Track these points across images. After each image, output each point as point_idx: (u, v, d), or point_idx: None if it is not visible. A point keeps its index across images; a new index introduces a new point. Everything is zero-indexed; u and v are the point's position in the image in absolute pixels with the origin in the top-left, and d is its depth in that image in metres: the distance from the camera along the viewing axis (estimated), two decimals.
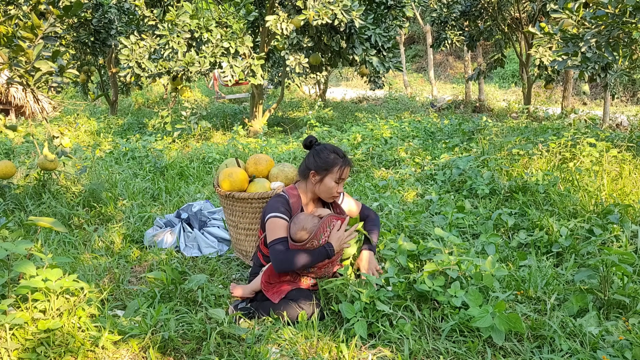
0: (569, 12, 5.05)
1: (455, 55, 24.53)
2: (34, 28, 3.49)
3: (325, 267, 2.46)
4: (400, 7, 8.99)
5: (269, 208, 2.46)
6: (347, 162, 2.51)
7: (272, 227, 2.41)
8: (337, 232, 2.39)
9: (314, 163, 2.50)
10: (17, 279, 2.32)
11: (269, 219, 2.43)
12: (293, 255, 2.34)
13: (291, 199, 2.51)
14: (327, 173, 2.48)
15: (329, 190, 2.50)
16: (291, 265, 2.34)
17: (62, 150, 4.24)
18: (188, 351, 2.19)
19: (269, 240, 2.40)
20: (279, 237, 2.38)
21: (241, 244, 3.00)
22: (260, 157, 2.99)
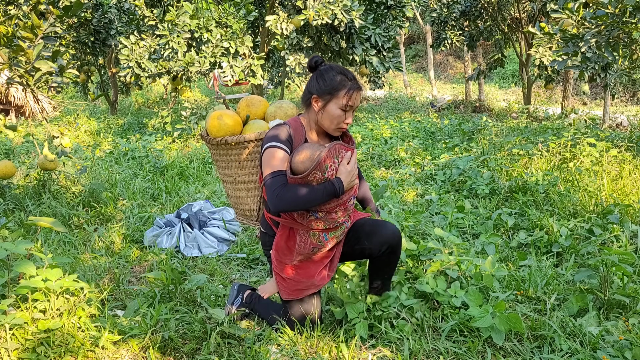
0: (569, 12, 5.05)
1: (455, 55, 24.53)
2: (34, 28, 3.49)
3: (334, 212, 2.05)
4: (400, 7, 8.99)
5: (266, 138, 2.05)
6: (356, 86, 2.05)
7: (269, 159, 1.99)
8: (346, 166, 1.99)
9: (317, 86, 2.06)
10: (17, 279, 2.32)
11: (265, 150, 2.01)
12: (292, 189, 1.93)
13: (292, 129, 2.06)
14: (331, 98, 2.04)
15: (333, 119, 2.06)
16: (290, 202, 1.93)
17: (62, 150, 4.25)
18: (188, 351, 2.19)
19: (264, 174, 1.99)
20: (276, 170, 1.96)
21: (242, 202, 2.45)
22: (253, 98, 2.54)
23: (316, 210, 2.02)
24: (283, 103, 2.48)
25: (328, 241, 2.09)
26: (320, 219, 2.04)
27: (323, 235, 2.07)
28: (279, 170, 1.96)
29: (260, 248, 3.40)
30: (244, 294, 2.52)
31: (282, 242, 2.15)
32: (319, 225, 2.04)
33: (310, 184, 1.94)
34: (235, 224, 3.81)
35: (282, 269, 2.18)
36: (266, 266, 3.14)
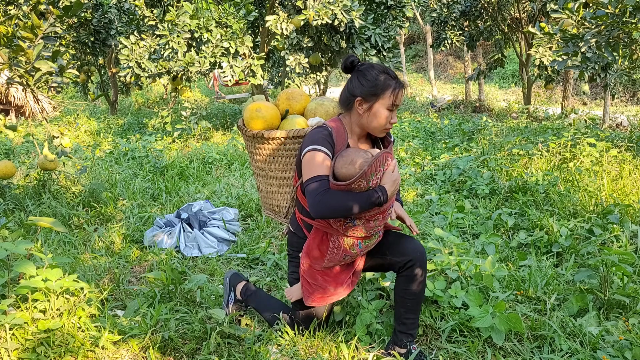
0: (569, 12, 5.05)
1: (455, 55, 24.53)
2: (34, 28, 3.49)
3: (373, 220, 1.97)
4: (400, 7, 8.99)
5: (308, 140, 1.96)
6: (400, 84, 1.98)
7: (310, 163, 1.91)
8: (392, 174, 1.91)
9: (360, 88, 1.96)
10: (17, 279, 2.32)
11: (307, 153, 1.93)
12: (335, 196, 1.84)
13: (335, 133, 1.97)
14: (377, 99, 1.95)
15: (380, 121, 1.97)
16: (332, 209, 1.85)
17: (62, 150, 4.25)
18: (188, 351, 2.19)
19: (306, 178, 1.91)
20: (318, 175, 1.88)
21: (272, 197, 2.37)
22: (294, 92, 2.43)
23: (355, 218, 1.94)
24: (325, 100, 2.39)
25: (362, 249, 2.03)
26: (358, 226, 1.97)
27: (358, 243, 2.00)
28: (321, 175, 1.88)
29: (261, 247, 3.40)
30: (236, 289, 2.47)
31: (314, 247, 2.06)
32: (356, 232, 1.98)
33: (353, 191, 1.86)
34: (235, 224, 3.82)
35: (312, 274, 2.09)
36: (265, 266, 3.14)
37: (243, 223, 4.03)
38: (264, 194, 2.43)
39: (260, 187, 2.44)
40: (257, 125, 2.28)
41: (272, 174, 2.32)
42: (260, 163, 2.34)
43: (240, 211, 4.20)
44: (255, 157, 2.37)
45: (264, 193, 2.43)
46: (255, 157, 2.37)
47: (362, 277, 2.74)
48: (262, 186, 2.42)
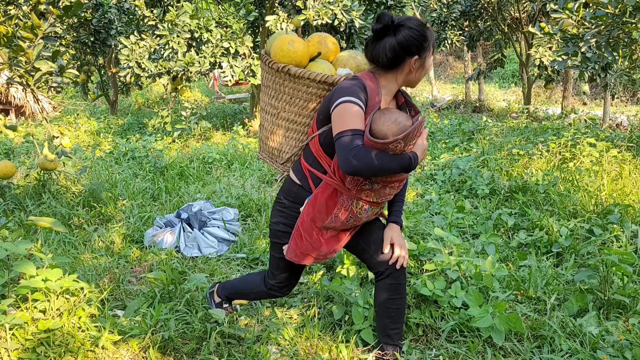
0: (569, 12, 5.05)
1: (455, 55, 24.53)
2: (34, 28, 3.49)
3: (389, 186, 1.92)
4: (400, 7, 8.99)
5: (342, 91, 1.81)
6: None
7: (344, 114, 1.77)
8: (423, 142, 1.85)
9: (415, 45, 1.82)
10: (17, 279, 2.32)
11: (341, 104, 1.78)
12: (371, 153, 1.73)
13: (369, 89, 1.84)
14: (428, 52, 1.87)
15: (427, 72, 1.94)
16: (366, 166, 1.72)
17: (62, 150, 4.24)
18: (188, 351, 2.19)
19: (338, 130, 1.77)
20: (352, 129, 1.75)
21: (275, 139, 2.18)
22: (327, 38, 2.23)
23: (374, 181, 1.86)
24: (358, 54, 2.20)
25: (368, 216, 1.95)
26: (374, 190, 1.88)
27: (366, 207, 1.91)
28: (356, 129, 1.75)
29: (261, 247, 3.40)
30: (213, 295, 2.44)
31: (322, 200, 1.91)
32: (369, 197, 1.89)
33: (388, 151, 1.75)
34: (235, 224, 3.82)
35: (309, 229, 1.95)
36: (265, 266, 3.14)
37: (243, 223, 4.03)
38: (265, 134, 2.21)
39: (264, 125, 2.22)
40: (284, 58, 2.04)
41: (284, 114, 2.11)
42: (274, 100, 2.12)
43: (240, 211, 4.20)
44: (270, 92, 2.14)
45: (267, 133, 2.21)
46: (270, 93, 2.14)
47: (361, 276, 2.75)
48: (268, 125, 2.20)
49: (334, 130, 1.79)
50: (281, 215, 2.04)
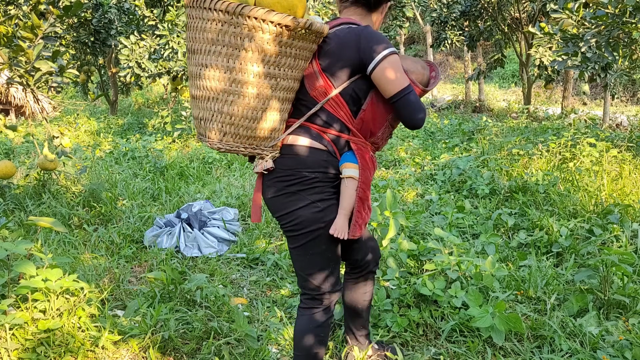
0: (569, 12, 5.05)
1: (455, 55, 24.53)
2: (34, 28, 3.49)
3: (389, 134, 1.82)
4: (400, 7, 8.99)
5: (379, 38, 1.60)
6: None
7: (398, 67, 1.60)
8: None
9: None
10: (17, 279, 2.32)
11: (391, 55, 1.58)
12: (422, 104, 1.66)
13: None
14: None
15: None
16: (425, 116, 1.66)
17: (62, 150, 4.24)
18: (188, 351, 2.19)
19: (401, 86, 1.59)
20: (410, 83, 1.63)
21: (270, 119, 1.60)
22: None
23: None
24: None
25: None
26: (388, 138, 1.80)
27: (374, 158, 1.79)
28: (409, 83, 1.63)
29: (261, 247, 3.39)
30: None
31: (366, 161, 1.71)
32: (378, 146, 1.80)
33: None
34: (235, 224, 3.82)
35: (366, 194, 1.71)
36: (265, 266, 3.14)
37: (243, 223, 4.03)
38: (253, 115, 1.58)
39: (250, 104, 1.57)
40: (279, 7, 1.55)
41: (283, 82, 1.60)
42: (273, 67, 1.57)
43: (240, 211, 4.20)
44: (267, 57, 1.55)
45: (255, 113, 1.58)
46: (266, 58, 1.55)
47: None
48: (259, 103, 1.58)
49: (393, 86, 1.59)
50: (316, 193, 1.65)
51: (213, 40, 1.54)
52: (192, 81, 1.62)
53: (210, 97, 1.59)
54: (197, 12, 1.54)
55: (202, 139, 1.65)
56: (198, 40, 1.57)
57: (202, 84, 1.59)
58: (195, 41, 1.58)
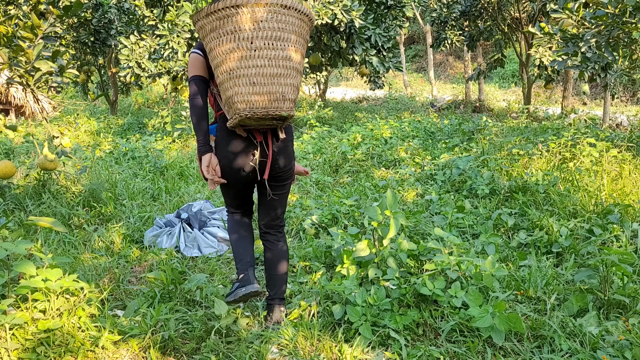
0: (569, 12, 5.05)
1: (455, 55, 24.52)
2: (34, 28, 3.49)
3: None
4: (400, 7, 8.98)
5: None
6: None
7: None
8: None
9: None
10: (17, 279, 2.32)
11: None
12: None
13: None
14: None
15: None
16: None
17: (62, 150, 4.24)
18: (188, 351, 2.19)
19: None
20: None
21: (295, 85, 2.13)
22: None
23: None
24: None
25: None
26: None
27: None
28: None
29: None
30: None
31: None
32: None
33: None
34: None
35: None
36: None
37: None
38: (292, 85, 2.08)
39: (289, 82, 2.07)
40: None
41: (283, 53, 2.03)
42: (274, 41, 2.02)
43: None
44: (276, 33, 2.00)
45: (293, 82, 2.09)
46: (275, 34, 2.00)
47: (361, 276, 2.74)
48: (292, 79, 2.09)
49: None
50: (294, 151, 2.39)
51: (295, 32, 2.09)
52: (276, 62, 2.05)
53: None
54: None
55: (278, 110, 2.07)
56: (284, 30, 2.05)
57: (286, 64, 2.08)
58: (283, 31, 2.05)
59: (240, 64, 2.01)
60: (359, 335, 2.22)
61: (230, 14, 1.97)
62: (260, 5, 1.96)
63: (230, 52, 2.00)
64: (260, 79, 2.02)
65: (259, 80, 2.02)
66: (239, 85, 2.02)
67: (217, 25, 2.00)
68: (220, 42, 2.01)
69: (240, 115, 2.03)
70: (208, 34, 2.05)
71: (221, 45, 2.02)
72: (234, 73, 2.02)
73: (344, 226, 3.72)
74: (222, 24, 1.99)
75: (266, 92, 2.03)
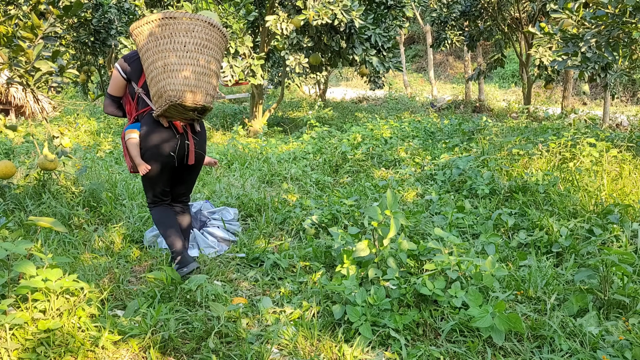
0: (569, 12, 5.05)
1: (455, 55, 24.53)
2: (34, 28, 3.49)
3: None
4: (400, 7, 8.99)
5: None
6: None
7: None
8: None
9: None
10: (17, 279, 2.32)
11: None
12: None
13: None
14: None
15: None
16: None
17: (62, 150, 4.24)
18: (188, 351, 2.19)
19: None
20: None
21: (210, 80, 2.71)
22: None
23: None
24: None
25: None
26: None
27: None
28: None
29: (260, 247, 3.40)
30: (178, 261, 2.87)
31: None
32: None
33: None
34: (235, 224, 3.81)
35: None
36: (263, 267, 3.14)
37: (243, 223, 4.03)
38: (199, 78, 2.58)
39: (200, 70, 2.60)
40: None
41: (207, 58, 2.62)
42: (202, 47, 2.62)
43: (240, 211, 4.20)
44: (203, 42, 2.58)
45: (200, 80, 2.58)
46: (202, 42, 2.58)
47: (361, 276, 2.74)
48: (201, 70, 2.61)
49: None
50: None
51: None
52: (202, 63, 2.59)
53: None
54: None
55: (202, 101, 2.58)
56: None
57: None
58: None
59: (175, 61, 2.50)
60: (359, 335, 2.22)
61: (169, 23, 2.51)
62: (192, 19, 2.53)
63: (166, 51, 2.51)
64: (190, 74, 2.51)
65: (188, 75, 2.51)
66: (172, 77, 2.48)
67: (156, 30, 2.51)
68: (158, 43, 2.50)
69: (171, 101, 2.47)
70: (146, 37, 2.54)
71: (158, 45, 2.51)
72: (169, 67, 2.48)
73: (344, 226, 3.72)
74: (160, 30, 2.51)
75: (193, 85, 2.51)
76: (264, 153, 6.66)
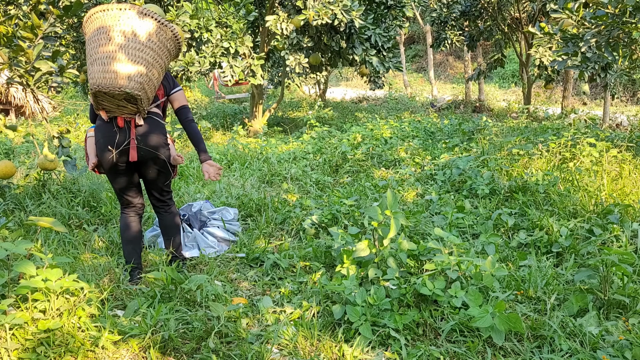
0: (569, 12, 5.05)
1: (455, 55, 24.52)
2: (34, 28, 3.49)
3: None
4: (400, 7, 8.99)
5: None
6: None
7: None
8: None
9: None
10: (17, 279, 2.32)
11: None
12: None
13: None
14: None
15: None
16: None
17: (62, 150, 4.24)
18: (188, 351, 2.19)
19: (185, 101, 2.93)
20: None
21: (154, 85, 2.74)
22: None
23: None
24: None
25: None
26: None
27: None
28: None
29: (260, 247, 3.39)
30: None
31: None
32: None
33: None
34: (235, 223, 3.81)
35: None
36: (262, 268, 3.14)
37: (243, 223, 4.03)
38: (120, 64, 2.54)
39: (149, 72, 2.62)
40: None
41: (134, 44, 2.61)
42: (130, 35, 2.60)
43: (240, 211, 4.20)
44: (131, 29, 2.56)
45: (121, 66, 2.55)
46: (131, 30, 2.56)
47: (361, 276, 2.74)
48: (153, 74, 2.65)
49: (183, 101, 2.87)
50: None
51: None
52: (126, 50, 2.56)
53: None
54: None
55: (123, 87, 2.51)
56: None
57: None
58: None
59: (96, 50, 2.51)
60: (359, 335, 2.22)
61: (99, 17, 2.53)
62: (119, 8, 2.53)
63: (93, 43, 2.54)
64: (110, 61, 2.49)
65: (108, 62, 2.49)
66: (94, 65, 2.50)
67: (86, 26, 2.58)
68: (90, 38, 2.55)
69: (91, 89, 2.47)
70: (85, 35, 2.61)
71: (89, 40, 2.56)
72: (92, 58, 2.52)
73: (344, 226, 3.72)
74: (89, 25, 2.57)
75: (112, 71, 2.48)
76: (264, 153, 6.66)
